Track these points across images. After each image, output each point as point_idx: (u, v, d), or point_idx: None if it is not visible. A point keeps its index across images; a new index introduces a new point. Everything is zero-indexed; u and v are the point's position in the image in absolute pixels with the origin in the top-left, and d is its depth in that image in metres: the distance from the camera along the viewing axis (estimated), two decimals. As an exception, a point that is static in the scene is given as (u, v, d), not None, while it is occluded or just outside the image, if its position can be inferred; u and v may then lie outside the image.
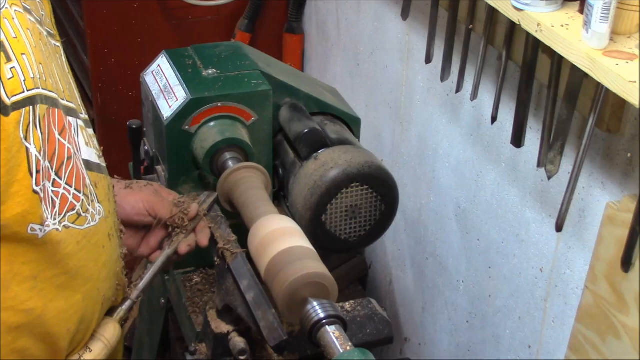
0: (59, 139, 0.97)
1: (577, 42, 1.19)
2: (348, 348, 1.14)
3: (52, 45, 1.06)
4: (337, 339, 1.15)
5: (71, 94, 1.07)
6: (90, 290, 1.07)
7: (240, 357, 1.34)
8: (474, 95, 1.62)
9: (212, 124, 1.53)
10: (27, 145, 0.90)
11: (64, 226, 0.99)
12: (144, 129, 1.71)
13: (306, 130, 1.55)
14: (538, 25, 1.26)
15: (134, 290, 1.26)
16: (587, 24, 1.17)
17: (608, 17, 1.14)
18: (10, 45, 0.89)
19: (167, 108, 1.53)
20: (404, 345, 2.22)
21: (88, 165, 1.07)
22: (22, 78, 0.89)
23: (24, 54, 0.91)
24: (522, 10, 1.29)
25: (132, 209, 1.35)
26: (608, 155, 1.35)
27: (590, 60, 1.16)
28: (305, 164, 1.54)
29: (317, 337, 1.17)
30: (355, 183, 1.50)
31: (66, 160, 0.99)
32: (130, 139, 1.71)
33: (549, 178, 1.42)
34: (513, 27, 1.44)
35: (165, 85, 1.59)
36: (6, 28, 0.89)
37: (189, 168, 1.56)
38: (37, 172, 0.92)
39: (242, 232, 1.36)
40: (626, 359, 1.31)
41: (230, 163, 1.49)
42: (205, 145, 1.50)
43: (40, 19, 1.02)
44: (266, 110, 1.57)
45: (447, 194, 1.90)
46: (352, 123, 1.71)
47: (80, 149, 1.05)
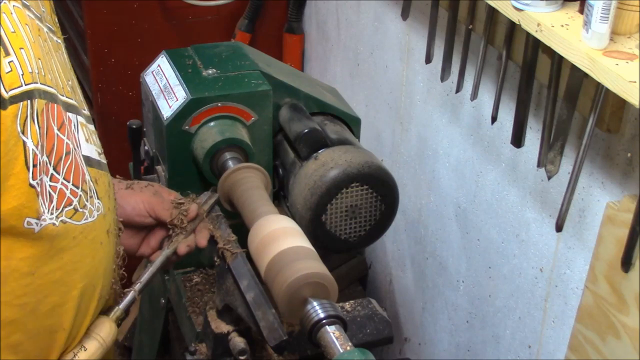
0: (57, 134, 0.97)
1: (577, 42, 1.19)
2: (348, 348, 1.14)
3: (54, 42, 1.06)
4: (337, 339, 1.15)
5: (72, 90, 1.07)
6: (86, 287, 1.07)
7: (240, 357, 1.34)
8: (474, 95, 1.62)
9: (212, 124, 1.53)
10: (24, 139, 0.90)
11: (61, 221, 0.99)
12: (144, 129, 1.71)
13: (306, 130, 1.55)
14: (538, 25, 1.26)
15: (132, 290, 1.26)
16: (587, 24, 1.17)
17: (608, 17, 1.14)
18: (8, 40, 0.89)
19: (167, 108, 1.53)
20: (404, 345, 2.22)
21: (88, 161, 1.07)
22: (20, 72, 0.89)
23: (22, 49, 0.91)
24: (522, 10, 1.29)
25: (132, 209, 1.35)
26: (608, 155, 1.35)
27: (590, 60, 1.16)
28: (305, 164, 1.54)
29: (317, 337, 1.17)
30: (355, 183, 1.50)
31: (65, 155, 0.99)
32: (130, 139, 1.71)
33: (549, 178, 1.42)
34: (513, 27, 1.44)
35: (165, 85, 1.59)
36: (5, 23, 0.89)
37: (189, 168, 1.56)
38: (34, 166, 0.92)
39: (242, 232, 1.36)
40: (626, 359, 1.31)
41: (230, 163, 1.49)
42: (205, 145, 1.50)
43: (41, 15, 1.02)
44: (266, 110, 1.57)
45: (447, 194, 1.90)
46: (352, 123, 1.71)
47: (80, 144, 1.05)
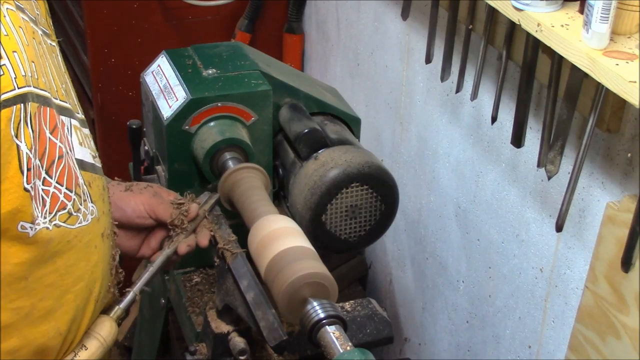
0: (49, 137, 0.97)
1: (577, 42, 1.19)
2: (348, 348, 1.14)
3: (48, 45, 1.05)
4: (337, 339, 1.15)
5: (66, 94, 1.06)
6: (81, 290, 1.07)
7: (240, 357, 1.34)
8: (474, 95, 1.62)
9: (212, 124, 1.53)
10: (17, 142, 0.90)
11: (55, 225, 0.98)
12: (144, 129, 1.71)
13: (306, 130, 1.55)
14: (538, 25, 1.26)
15: (132, 289, 1.26)
16: (587, 24, 1.17)
17: (608, 17, 1.14)
18: (1, 43, 0.88)
19: (167, 108, 1.53)
20: (404, 345, 2.22)
21: (82, 164, 1.06)
22: (13, 75, 0.89)
23: (15, 52, 0.90)
24: (522, 10, 1.29)
25: (132, 211, 1.34)
26: (608, 155, 1.35)
27: (590, 60, 1.16)
28: (305, 164, 1.54)
29: (317, 337, 1.17)
30: (355, 183, 1.50)
31: (57, 159, 0.98)
32: (130, 139, 1.71)
33: (549, 178, 1.42)
34: (513, 27, 1.44)
35: (165, 85, 1.59)
36: None
37: (189, 168, 1.56)
38: (28, 169, 0.92)
39: (242, 232, 1.36)
40: (626, 359, 1.31)
41: (230, 163, 1.49)
42: (205, 145, 1.50)
43: (35, 18, 1.01)
44: (266, 110, 1.57)
45: (447, 194, 1.90)
46: (352, 123, 1.71)
47: (73, 148, 1.04)
